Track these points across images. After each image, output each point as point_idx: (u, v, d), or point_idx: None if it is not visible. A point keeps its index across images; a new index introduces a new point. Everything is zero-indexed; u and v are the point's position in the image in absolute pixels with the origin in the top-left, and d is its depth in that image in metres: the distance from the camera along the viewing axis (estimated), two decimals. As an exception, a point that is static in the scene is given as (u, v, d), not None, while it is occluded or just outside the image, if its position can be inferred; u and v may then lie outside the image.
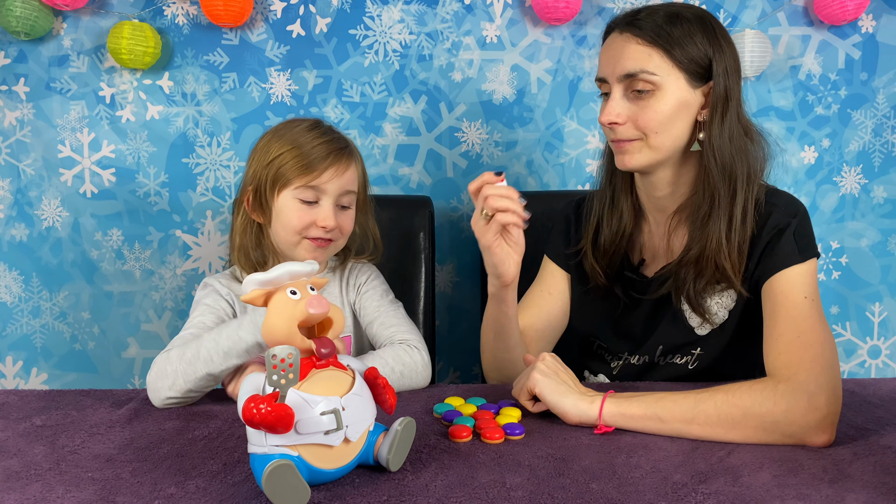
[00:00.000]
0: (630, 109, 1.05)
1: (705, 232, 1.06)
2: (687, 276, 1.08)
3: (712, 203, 1.05)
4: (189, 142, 1.75)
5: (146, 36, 1.62)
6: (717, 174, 1.04)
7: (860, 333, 1.88)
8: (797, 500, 0.72)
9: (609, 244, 1.18)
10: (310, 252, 1.16)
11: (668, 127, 1.04)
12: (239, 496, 0.73)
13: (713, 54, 1.04)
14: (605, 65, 1.07)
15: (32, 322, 1.79)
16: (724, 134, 1.04)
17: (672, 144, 1.06)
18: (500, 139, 1.79)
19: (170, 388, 0.99)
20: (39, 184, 1.75)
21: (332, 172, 1.14)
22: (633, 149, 1.07)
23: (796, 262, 1.01)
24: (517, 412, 0.94)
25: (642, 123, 1.04)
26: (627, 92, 1.05)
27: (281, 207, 1.15)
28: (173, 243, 1.78)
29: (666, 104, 1.03)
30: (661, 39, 1.03)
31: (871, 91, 1.79)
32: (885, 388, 1.07)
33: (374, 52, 1.74)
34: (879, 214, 1.84)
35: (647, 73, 1.02)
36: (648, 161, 1.07)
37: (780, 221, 1.04)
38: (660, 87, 1.03)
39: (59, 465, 0.80)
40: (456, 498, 0.72)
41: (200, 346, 0.99)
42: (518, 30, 1.75)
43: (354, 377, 0.75)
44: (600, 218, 1.20)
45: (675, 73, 1.03)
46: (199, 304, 1.16)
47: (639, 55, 1.03)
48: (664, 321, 1.14)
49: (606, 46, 1.09)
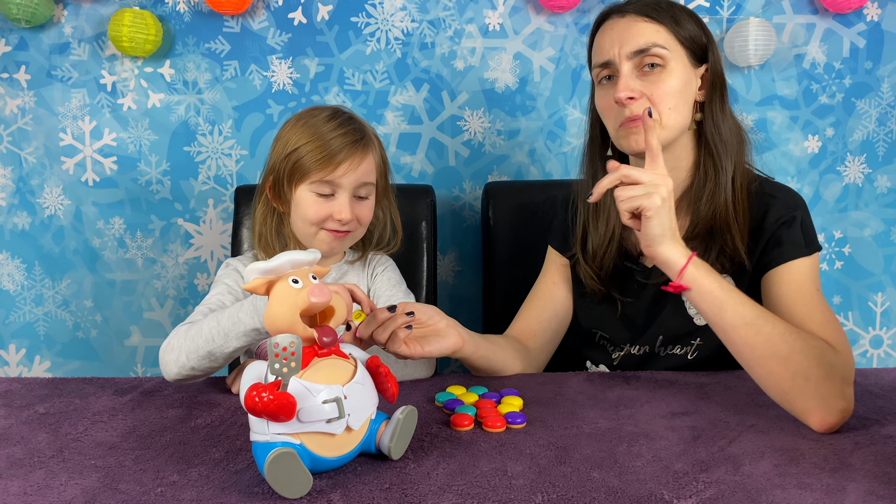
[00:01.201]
0: (641, 85, 1.04)
1: (713, 203, 1.07)
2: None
3: (717, 176, 1.07)
4: (190, 130, 1.74)
5: (147, 24, 1.62)
6: (721, 150, 1.07)
7: (862, 323, 1.88)
8: (798, 489, 0.72)
9: (598, 248, 1.17)
10: (327, 243, 1.17)
11: (678, 103, 1.05)
12: (241, 484, 0.73)
13: (706, 40, 1.08)
14: (609, 47, 1.07)
15: (35, 310, 1.80)
16: (725, 111, 1.08)
17: (681, 122, 1.06)
18: (503, 128, 1.78)
19: (174, 362, 1.01)
20: (41, 172, 1.75)
21: (347, 166, 1.14)
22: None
23: (804, 254, 1.03)
24: (519, 401, 0.94)
25: (657, 98, 1.03)
26: (637, 69, 1.05)
27: (298, 200, 1.16)
28: (175, 232, 1.78)
29: (676, 79, 1.04)
30: (666, 17, 1.05)
31: (876, 80, 1.78)
32: (887, 377, 1.07)
33: (375, 40, 1.73)
34: (883, 204, 1.84)
35: (659, 46, 1.04)
36: (662, 139, 1.05)
37: (785, 213, 1.05)
38: (668, 62, 1.04)
39: (63, 453, 0.81)
40: (457, 486, 0.72)
41: (204, 323, 1.00)
42: (521, 18, 1.74)
43: (356, 366, 0.75)
44: (586, 223, 1.19)
45: (680, 50, 1.05)
46: (219, 282, 1.18)
47: (648, 31, 1.04)
48: (665, 311, 1.14)
49: (607, 30, 1.08)
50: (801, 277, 1.02)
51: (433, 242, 1.56)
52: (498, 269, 1.59)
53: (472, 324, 1.81)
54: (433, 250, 1.55)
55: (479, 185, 1.80)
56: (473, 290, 1.82)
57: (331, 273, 1.26)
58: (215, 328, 0.99)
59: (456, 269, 1.83)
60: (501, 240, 1.59)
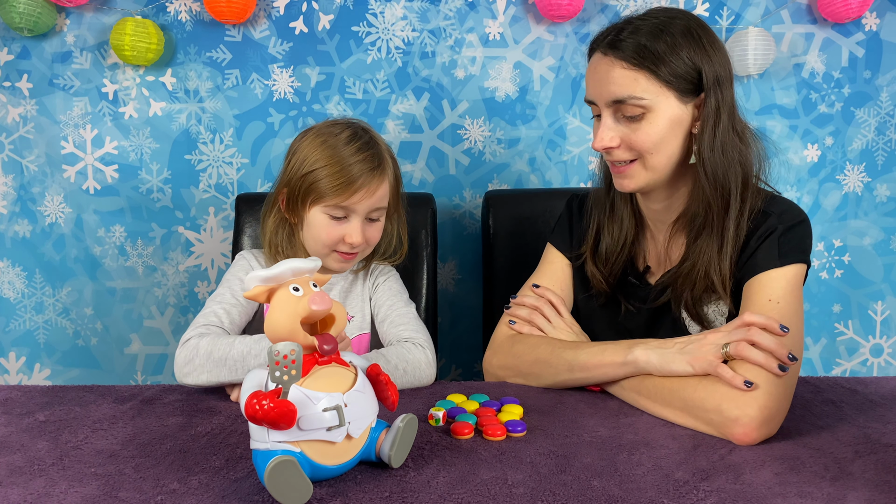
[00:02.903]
0: (622, 132, 1.02)
1: (697, 245, 1.05)
2: (683, 287, 1.07)
3: (706, 216, 1.04)
4: (192, 138, 1.75)
5: (149, 32, 1.62)
6: (709, 188, 1.02)
7: (862, 332, 1.88)
8: (799, 497, 0.72)
9: (610, 252, 1.16)
10: (337, 263, 1.21)
11: (662, 146, 1.02)
12: (241, 492, 0.73)
13: (702, 65, 1.00)
14: (592, 88, 1.05)
15: (35, 318, 1.80)
16: (716, 147, 1.01)
17: (668, 162, 1.04)
18: (503, 136, 1.79)
19: (191, 375, 1.03)
20: (42, 180, 1.75)
21: (364, 193, 1.15)
22: (632, 172, 1.05)
23: (773, 266, 0.99)
24: (519, 409, 0.94)
25: (637, 146, 1.02)
26: (617, 115, 1.02)
27: (311, 220, 1.17)
28: (176, 240, 1.78)
29: (657, 125, 1.01)
30: (647, 61, 0.98)
31: (875, 89, 1.79)
32: (887, 386, 1.07)
33: (376, 49, 1.74)
34: (882, 213, 1.84)
35: (636, 98, 0.99)
36: (647, 182, 1.05)
37: (770, 227, 1.02)
38: (650, 109, 1.00)
39: (63, 461, 0.81)
40: (458, 495, 0.72)
41: (230, 351, 1.02)
42: (521, 27, 1.75)
43: (357, 374, 0.75)
44: (600, 225, 1.18)
45: (665, 92, 1.00)
46: (232, 276, 1.20)
47: (624, 80, 0.99)
48: (664, 328, 1.13)
49: (592, 68, 1.05)
50: (757, 289, 0.99)
51: (433, 250, 1.56)
52: (498, 277, 1.59)
53: (472, 332, 1.82)
54: (433, 258, 1.55)
55: (479, 193, 1.80)
56: (474, 298, 1.82)
57: (337, 283, 1.27)
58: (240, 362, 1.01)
59: (456, 277, 1.83)
60: (501, 248, 1.59)
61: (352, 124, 1.21)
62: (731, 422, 0.86)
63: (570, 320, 1.17)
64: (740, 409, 0.86)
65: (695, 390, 0.90)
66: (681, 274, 1.07)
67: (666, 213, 1.12)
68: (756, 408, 0.86)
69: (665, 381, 0.94)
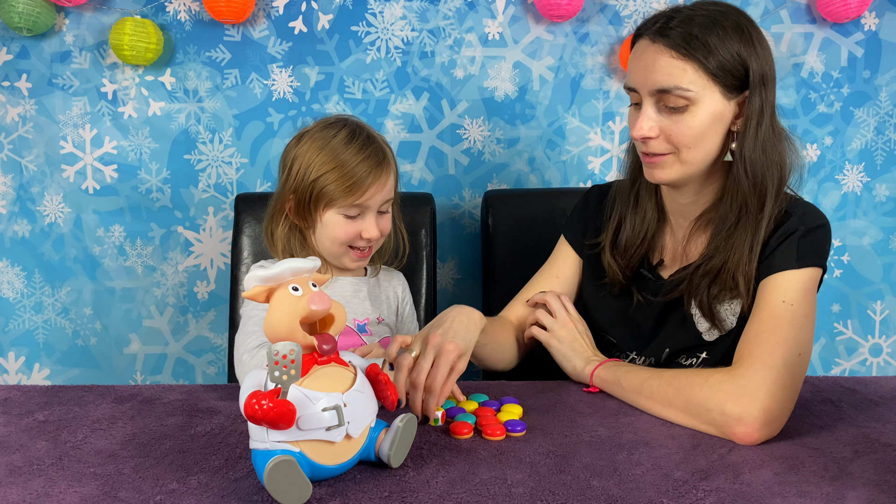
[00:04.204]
0: (662, 123, 1.00)
1: (730, 243, 1.02)
2: (702, 283, 1.06)
3: (740, 214, 1.02)
4: (191, 138, 1.75)
5: (148, 32, 1.62)
6: (747, 187, 1.01)
7: (861, 332, 1.88)
8: (798, 497, 0.72)
9: (629, 244, 1.15)
10: (354, 262, 1.23)
11: (701, 141, 1.00)
12: (241, 492, 0.73)
13: (750, 62, 0.98)
14: (636, 75, 1.02)
15: (35, 318, 1.80)
16: (757, 146, 1.00)
17: (704, 158, 1.02)
18: (502, 136, 1.79)
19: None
20: (42, 180, 1.75)
21: (375, 189, 1.17)
22: (665, 163, 1.03)
23: (791, 267, 0.98)
24: (518, 409, 0.94)
25: (676, 139, 1.00)
26: (659, 105, 1.00)
27: (326, 222, 1.19)
28: (175, 240, 1.78)
29: (700, 119, 0.98)
30: (696, 52, 0.96)
31: (874, 89, 1.79)
32: (887, 385, 1.07)
33: (376, 49, 1.74)
34: (881, 213, 1.84)
35: (682, 89, 0.97)
36: (679, 175, 1.03)
37: (791, 228, 1.01)
38: (694, 101, 0.98)
39: (62, 461, 0.81)
40: (457, 494, 0.72)
41: None
42: (520, 27, 1.75)
43: (356, 374, 0.75)
44: (623, 216, 1.17)
45: (710, 86, 0.98)
46: None
47: (672, 69, 0.97)
48: (671, 323, 1.12)
49: (637, 55, 1.02)
50: (773, 290, 0.98)
51: (433, 250, 1.56)
52: (497, 277, 1.59)
53: (471, 332, 1.82)
54: (433, 258, 1.55)
55: (478, 193, 1.80)
56: (473, 298, 1.82)
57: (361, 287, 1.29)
58: None
59: (456, 277, 1.83)
60: (501, 248, 1.59)
61: (346, 123, 1.22)
62: (733, 421, 0.86)
63: (577, 316, 1.18)
64: (743, 408, 0.86)
65: (700, 389, 0.90)
66: (706, 270, 1.05)
67: (692, 207, 1.11)
68: (759, 408, 0.86)
69: (668, 381, 0.94)
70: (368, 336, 1.29)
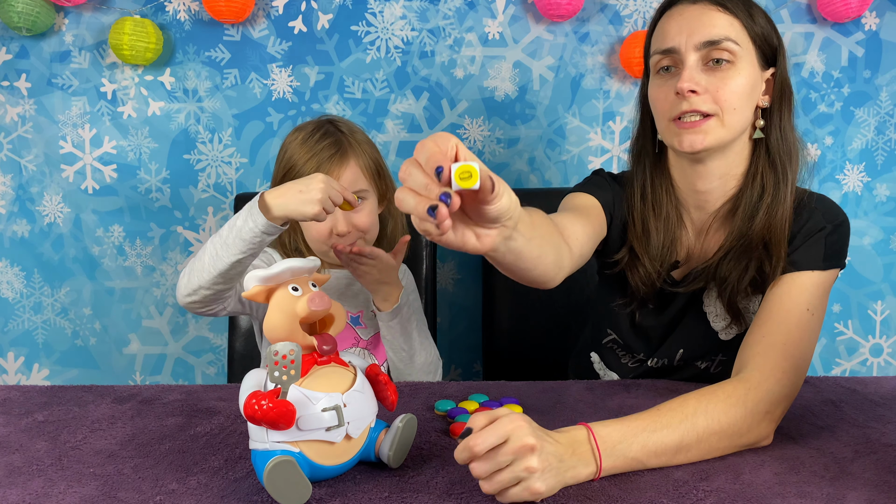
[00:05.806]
0: (707, 80, 0.97)
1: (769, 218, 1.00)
2: (732, 271, 1.02)
3: (777, 190, 1.01)
4: (190, 138, 1.75)
5: (148, 32, 1.62)
6: (785, 161, 1.01)
7: (862, 332, 1.88)
8: (798, 497, 0.72)
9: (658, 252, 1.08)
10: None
11: (743, 104, 0.98)
12: (240, 492, 0.73)
13: (776, 43, 1.02)
14: (676, 34, 0.99)
15: (34, 318, 1.80)
16: (780, 128, 1.02)
17: (742, 126, 1.00)
18: (502, 136, 1.79)
19: (185, 286, 1.06)
20: (41, 180, 1.75)
21: None
22: (708, 127, 0.98)
23: (817, 267, 0.97)
24: (519, 409, 0.94)
25: (722, 96, 0.97)
26: (704, 63, 0.98)
27: (301, 223, 1.20)
28: (174, 240, 1.78)
29: (743, 79, 0.98)
30: (741, 11, 0.98)
31: (875, 89, 1.79)
32: (887, 386, 1.07)
33: (375, 49, 1.74)
34: (882, 213, 1.84)
35: (731, 41, 0.97)
36: (719, 140, 0.99)
37: (818, 223, 1.00)
38: (739, 59, 0.97)
39: (61, 461, 0.81)
40: (457, 494, 0.72)
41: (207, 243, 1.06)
42: (520, 26, 1.75)
43: (356, 374, 0.75)
44: (645, 220, 1.09)
45: (751, 47, 0.99)
46: None
47: (721, 22, 0.97)
48: (685, 322, 1.10)
49: (675, 16, 1.00)
50: (797, 292, 0.96)
51: (433, 250, 1.56)
52: (498, 278, 1.59)
53: (471, 333, 1.82)
54: (432, 258, 1.55)
55: (478, 193, 1.80)
56: (473, 299, 1.81)
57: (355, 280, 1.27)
58: (218, 241, 1.04)
59: (456, 278, 1.83)
60: (501, 248, 1.59)
61: (315, 124, 1.24)
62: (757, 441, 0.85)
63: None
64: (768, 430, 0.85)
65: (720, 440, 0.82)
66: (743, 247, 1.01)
67: (713, 195, 1.06)
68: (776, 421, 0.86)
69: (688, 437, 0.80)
70: (362, 328, 1.29)
